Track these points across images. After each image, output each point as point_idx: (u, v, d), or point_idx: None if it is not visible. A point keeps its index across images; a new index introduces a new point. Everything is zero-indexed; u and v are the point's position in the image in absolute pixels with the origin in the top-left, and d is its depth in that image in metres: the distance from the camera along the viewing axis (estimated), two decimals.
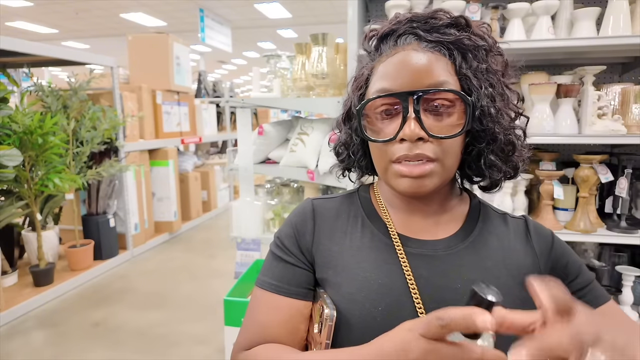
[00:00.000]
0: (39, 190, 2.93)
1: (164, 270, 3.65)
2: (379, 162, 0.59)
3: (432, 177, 0.55)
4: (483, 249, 0.60)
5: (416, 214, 0.63)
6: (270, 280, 0.63)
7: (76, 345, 2.41)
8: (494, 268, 0.59)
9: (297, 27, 8.95)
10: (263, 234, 2.05)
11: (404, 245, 0.59)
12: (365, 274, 0.58)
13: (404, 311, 0.54)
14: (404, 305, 0.55)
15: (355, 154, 0.66)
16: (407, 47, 0.56)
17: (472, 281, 0.49)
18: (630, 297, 1.63)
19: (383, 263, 0.58)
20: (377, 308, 0.55)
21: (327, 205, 0.68)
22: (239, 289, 1.70)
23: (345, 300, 0.57)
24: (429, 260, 0.58)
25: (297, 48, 1.87)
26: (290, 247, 0.64)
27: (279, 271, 0.63)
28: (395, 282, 0.56)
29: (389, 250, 0.59)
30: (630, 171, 1.61)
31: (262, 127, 2.01)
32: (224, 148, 6.76)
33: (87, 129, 3.28)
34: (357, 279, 0.58)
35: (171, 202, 4.50)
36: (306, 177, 1.84)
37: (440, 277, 0.57)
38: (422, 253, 0.59)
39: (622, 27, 1.51)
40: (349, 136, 0.66)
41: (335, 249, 0.62)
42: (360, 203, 0.67)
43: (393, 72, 0.55)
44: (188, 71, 4.95)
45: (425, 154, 0.53)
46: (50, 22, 8.08)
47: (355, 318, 0.56)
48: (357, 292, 0.57)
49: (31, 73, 3.21)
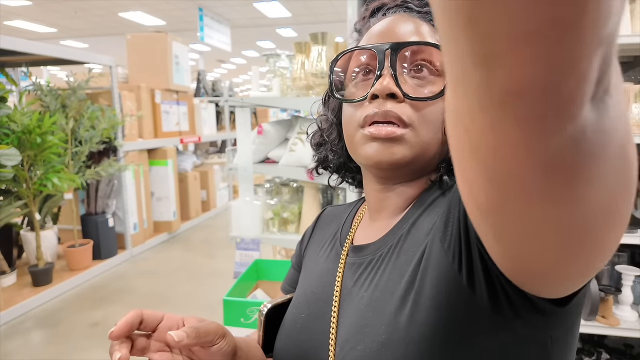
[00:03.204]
0: (37, 189, 2.93)
1: (163, 270, 3.65)
2: (347, 132, 0.52)
3: (403, 144, 0.47)
4: (407, 247, 0.48)
5: (382, 214, 0.55)
6: (284, 282, 0.72)
7: (75, 345, 2.41)
8: (407, 274, 0.45)
9: (296, 26, 8.94)
10: (262, 233, 2.05)
11: (350, 255, 0.56)
12: (309, 282, 0.60)
13: (321, 321, 0.52)
14: (324, 315, 0.52)
15: (330, 135, 0.61)
16: (396, 16, 0.52)
17: (384, 289, 0.46)
18: (630, 297, 1.63)
19: (325, 273, 0.57)
20: (301, 315, 0.56)
21: (330, 213, 0.70)
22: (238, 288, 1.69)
23: (292, 304, 0.60)
24: (356, 269, 0.52)
25: (296, 47, 1.87)
26: (297, 251, 0.71)
27: (289, 273, 0.72)
28: (326, 292, 0.55)
29: (337, 260, 0.57)
30: None
31: (262, 127, 2.01)
32: (223, 147, 6.76)
33: (86, 128, 3.28)
34: (304, 286, 0.60)
35: (170, 202, 4.49)
36: (306, 177, 1.84)
37: (360, 287, 0.50)
38: (355, 262, 0.53)
39: (622, 26, 1.51)
40: (326, 119, 0.62)
41: (309, 255, 0.65)
42: (350, 211, 0.66)
43: (375, 33, 0.51)
44: (187, 70, 4.95)
45: (396, 114, 0.46)
46: (49, 21, 8.07)
47: (287, 320, 0.58)
48: (297, 297, 0.60)
49: (30, 72, 3.20)
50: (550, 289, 0.32)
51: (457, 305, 0.38)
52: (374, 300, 0.46)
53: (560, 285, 0.31)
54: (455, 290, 0.38)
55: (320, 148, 0.63)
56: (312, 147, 0.65)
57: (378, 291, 0.46)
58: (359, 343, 0.44)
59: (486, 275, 0.36)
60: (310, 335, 0.52)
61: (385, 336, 0.42)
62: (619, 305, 1.65)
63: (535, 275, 0.30)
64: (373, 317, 0.45)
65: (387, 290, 0.45)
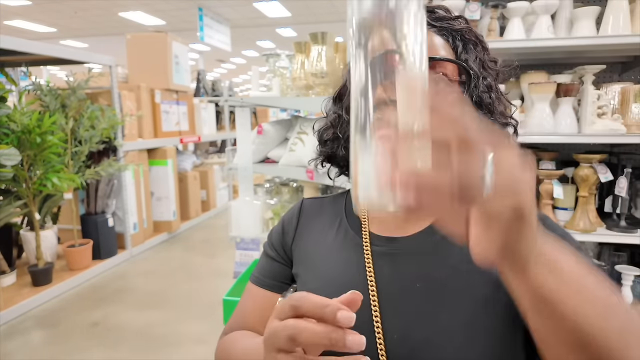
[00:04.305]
0: (37, 189, 2.92)
1: (163, 270, 3.65)
2: None
3: None
4: (450, 244, 0.52)
5: None
6: (255, 273, 0.70)
7: (75, 345, 2.41)
8: (460, 264, 0.53)
9: (296, 26, 8.94)
10: (262, 233, 2.05)
11: (372, 244, 0.58)
12: (329, 273, 0.59)
13: (360, 310, 0.51)
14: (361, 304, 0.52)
15: (343, 133, 0.63)
16: None
17: (435, 280, 0.52)
18: (629, 297, 1.63)
19: (348, 262, 0.58)
20: None
21: (315, 204, 0.71)
22: (238, 288, 1.69)
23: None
24: (393, 258, 0.56)
25: (296, 47, 1.86)
26: (274, 243, 0.70)
27: (262, 265, 0.70)
28: (356, 281, 0.55)
29: (357, 250, 0.58)
30: (630, 170, 1.61)
31: (261, 127, 2.00)
32: (223, 147, 6.75)
33: (86, 128, 3.27)
34: (321, 277, 0.60)
35: (170, 202, 4.49)
36: (305, 177, 1.84)
37: (402, 277, 0.54)
38: (388, 252, 0.56)
39: (621, 26, 1.51)
40: (337, 116, 0.64)
41: (310, 246, 0.65)
42: (346, 201, 0.67)
43: None
44: (187, 70, 4.94)
45: None
46: (49, 21, 8.06)
47: None
48: (318, 289, 0.57)
49: (29, 72, 3.19)
50: None
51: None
52: (430, 290, 0.52)
53: None
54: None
55: (327, 144, 0.66)
56: (319, 142, 0.68)
57: (436, 283, 0.52)
58: (421, 330, 0.50)
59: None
60: None
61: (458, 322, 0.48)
62: None
63: None
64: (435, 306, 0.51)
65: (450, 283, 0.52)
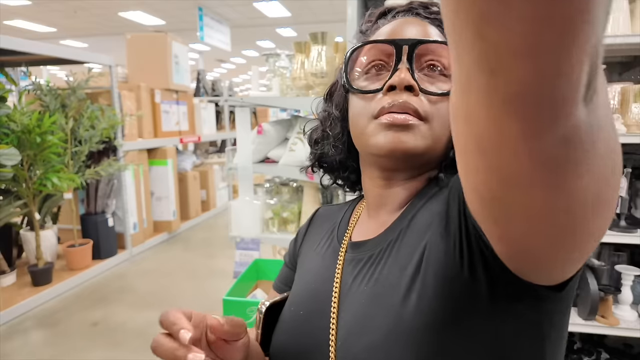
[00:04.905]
0: (37, 189, 2.92)
1: (163, 270, 3.65)
2: (358, 124, 0.52)
3: (417, 134, 0.48)
4: (407, 241, 0.48)
5: (381, 210, 0.55)
6: (276, 279, 0.72)
7: (75, 345, 2.41)
8: (410, 266, 0.45)
9: (296, 25, 8.94)
10: (262, 233, 2.05)
11: (348, 252, 0.56)
12: (307, 279, 0.59)
13: (320, 318, 0.52)
14: (323, 312, 0.52)
15: (332, 130, 0.60)
16: (405, 18, 0.54)
17: (386, 282, 0.47)
18: (629, 297, 1.63)
19: (323, 270, 0.57)
20: (300, 312, 0.55)
21: (325, 212, 0.70)
22: (238, 288, 1.69)
23: (288, 301, 0.60)
24: (355, 264, 0.53)
25: (296, 47, 1.86)
26: (289, 250, 0.72)
27: (281, 271, 0.72)
28: (325, 289, 0.54)
29: (334, 257, 0.57)
30: (630, 170, 1.61)
31: (261, 126, 2.00)
32: (223, 147, 6.75)
33: (86, 128, 3.27)
34: (301, 283, 0.60)
35: (170, 202, 4.49)
36: (305, 177, 1.84)
37: (359, 282, 0.51)
38: (354, 258, 0.54)
39: (621, 26, 1.51)
40: (327, 114, 0.61)
41: (305, 253, 0.66)
42: (346, 209, 0.65)
43: (385, 33, 0.52)
44: (187, 70, 4.94)
45: (413, 105, 0.48)
46: (49, 21, 8.06)
47: (284, 317, 0.58)
48: (296, 294, 0.59)
49: (29, 72, 3.20)
50: (545, 274, 0.35)
51: (459, 294, 0.40)
52: (376, 293, 0.47)
53: (554, 269, 0.34)
54: (457, 279, 0.40)
55: (318, 144, 0.63)
56: (309, 143, 0.65)
57: (379, 285, 0.47)
58: (362, 335, 0.45)
59: (485, 264, 0.38)
60: (310, 332, 0.52)
61: (389, 327, 0.43)
62: (619, 305, 1.65)
63: (530, 259, 0.32)
64: (376, 309, 0.46)
65: (389, 283, 0.46)
